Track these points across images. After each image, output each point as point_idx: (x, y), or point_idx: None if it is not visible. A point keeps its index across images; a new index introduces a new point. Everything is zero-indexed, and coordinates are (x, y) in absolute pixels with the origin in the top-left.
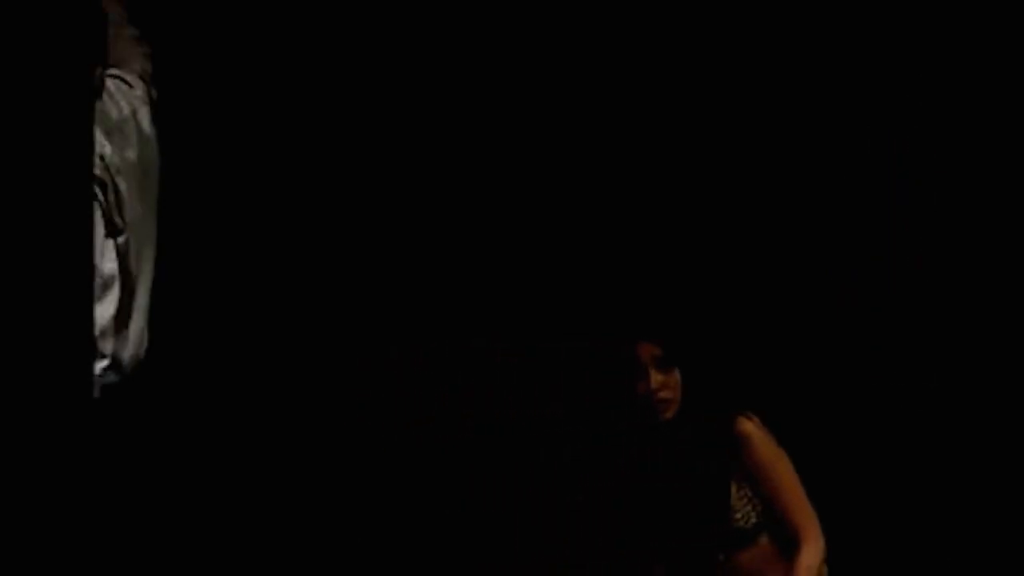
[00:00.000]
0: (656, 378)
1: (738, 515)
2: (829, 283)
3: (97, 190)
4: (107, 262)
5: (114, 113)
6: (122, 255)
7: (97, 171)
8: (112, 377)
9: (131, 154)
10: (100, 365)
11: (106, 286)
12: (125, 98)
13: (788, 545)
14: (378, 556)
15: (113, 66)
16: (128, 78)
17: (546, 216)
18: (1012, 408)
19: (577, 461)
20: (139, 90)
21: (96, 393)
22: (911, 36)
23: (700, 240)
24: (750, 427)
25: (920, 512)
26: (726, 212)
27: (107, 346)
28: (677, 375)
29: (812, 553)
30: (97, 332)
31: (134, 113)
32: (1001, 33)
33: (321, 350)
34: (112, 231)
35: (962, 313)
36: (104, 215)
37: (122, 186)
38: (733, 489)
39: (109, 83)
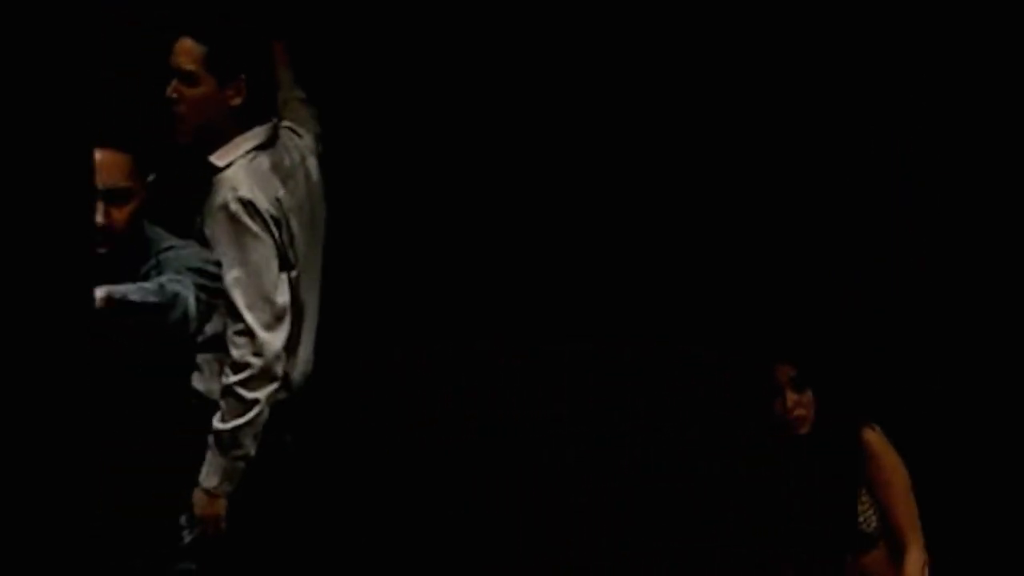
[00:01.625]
0: (791, 397)
1: (861, 520)
2: (830, 285)
3: (273, 229)
4: (281, 295)
5: (287, 161)
6: (294, 288)
7: (274, 212)
8: (283, 395)
9: (301, 198)
10: (273, 386)
11: (280, 316)
12: (296, 148)
13: (896, 551)
14: (382, 557)
15: (289, 120)
16: (298, 129)
17: (550, 217)
18: (1015, 409)
19: (581, 462)
20: (308, 139)
21: (266, 413)
22: (912, 36)
23: (696, 238)
24: (874, 437)
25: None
26: (724, 211)
27: (279, 368)
28: (810, 394)
29: (914, 563)
30: (273, 356)
31: (303, 160)
32: (1001, 33)
33: (324, 351)
34: (285, 266)
35: (965, 314)
36: (278, 251)
37: (294, 226)
38: (858, 495)
39: (282, 134)
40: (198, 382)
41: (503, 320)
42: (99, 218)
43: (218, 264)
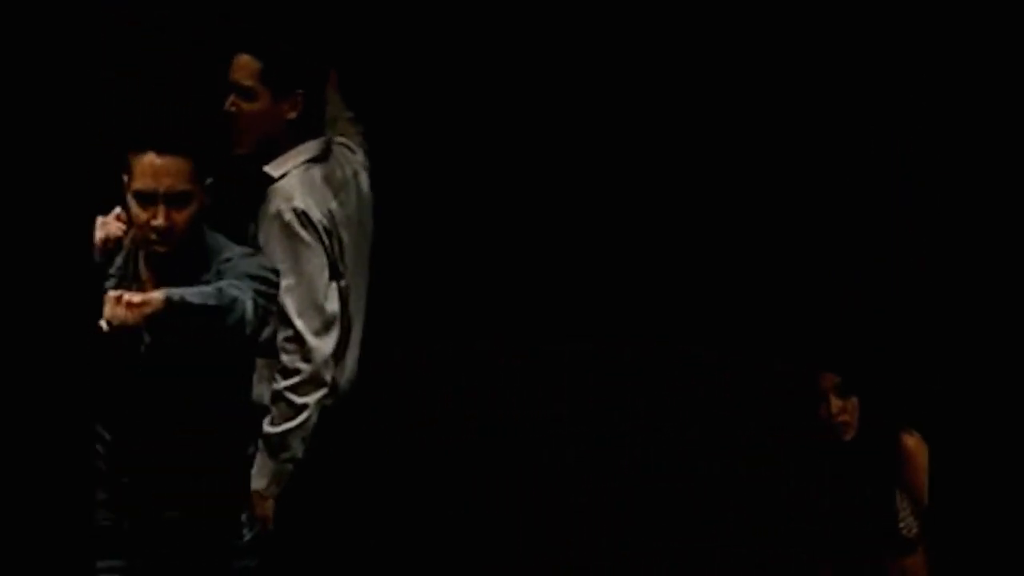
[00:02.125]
0: (836, 404)
1: (902, 524)
2: (831, 285)
3: (325, 238)
4: (331, 303)
5: (339, 174)
6: (343, 297)
7: (326, 222)
8: (329, 400)
9: (351, 211)
10: (321, 392)
11: (329, 324)
12: (348, 162)
13: None
14: (383, 557)
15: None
16: (352, 145)
17: (549, 218)
18: (1016, 410)
19: (581, 462)
20: (360, 155)
21: (314, 418)
22: (912, 36)
23: (697, 238)
24: (913, 442)
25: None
26: (724, 211)
27: (328, 375)
28: (855, 401)
29: None
30: (322, 362)
31: (355, 175)
32: (1001, 33)
33: None
34: (335, 275)
35: (965, 315)
36: (329, 261)
37: (345, 237)
38: (898, 499)
39: (335, 149)
40: None
41: (503, 320)
42: (160, 221)
43: (276, 272)
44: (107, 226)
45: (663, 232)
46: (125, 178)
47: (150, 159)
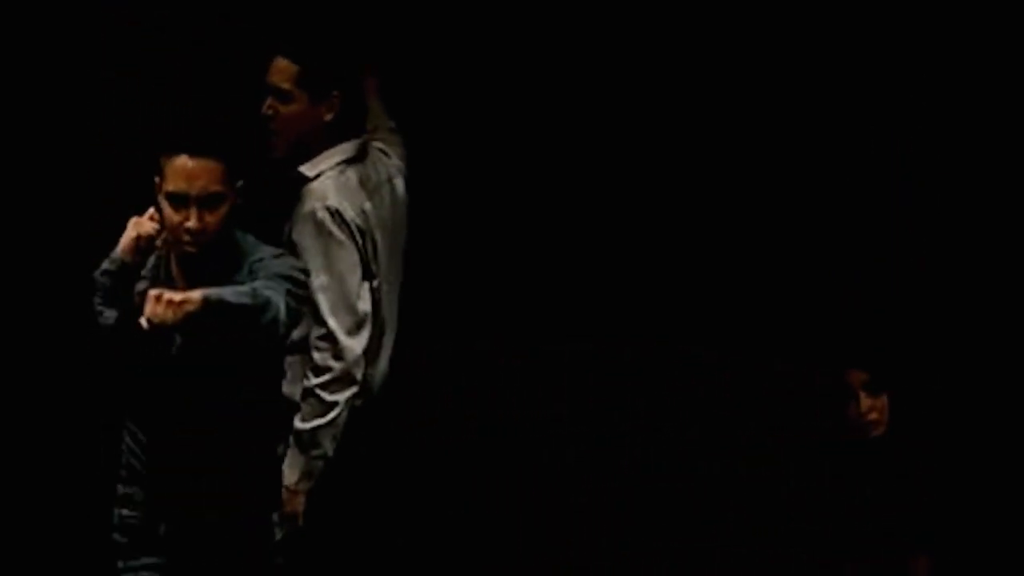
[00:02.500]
0: (865, 402)
1: None
2: (831, 284)
3: (358, 238)
4: (363, 302)
5: (374, 176)
6: (376, 298)
7: (360, 222)
8: (361, 400)
9: (385, 213)
10: (352, 390)
11: (361, 323)
12: (384, 166)
13: None
14: (383, 557)
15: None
16: (388, 150)
17: (549, 218)
18: (1015, 410)
19: (581, 462)
20: (396, 160)
21: (344, 415)
22: (912, 36)
23: (697, 238)
24: None
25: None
26: (724, 211)
27: (359, 373)
28: (885, 399)
29: None
30: (353, 361)
31: (390, 179)
32: (1001, 33)
33: None
34: (368, 275)
35: (965, 315)
36: (362, 260)
37: (378, 238)
38: None
39: (372, 152)
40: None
41: (503, 320)
42: (193, 222)
43: (307, 272)
44: (140, 225)
45: (663, 232)
46: (157, 180)
47: (182, 161)
